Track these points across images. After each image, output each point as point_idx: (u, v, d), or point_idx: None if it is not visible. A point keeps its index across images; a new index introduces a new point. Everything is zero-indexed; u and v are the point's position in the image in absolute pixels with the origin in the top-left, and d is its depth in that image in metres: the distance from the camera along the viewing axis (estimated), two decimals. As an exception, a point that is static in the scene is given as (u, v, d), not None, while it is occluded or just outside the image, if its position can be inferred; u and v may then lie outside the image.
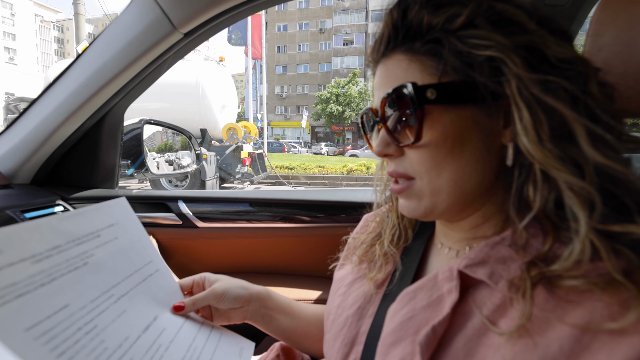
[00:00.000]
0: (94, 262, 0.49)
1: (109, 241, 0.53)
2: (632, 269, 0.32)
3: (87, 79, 1.01)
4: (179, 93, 8.26)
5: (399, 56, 0.44)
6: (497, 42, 0.38)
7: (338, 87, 33.41)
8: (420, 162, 0.43)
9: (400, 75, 0.43)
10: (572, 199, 0.35)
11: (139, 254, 0.58)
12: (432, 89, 0.40)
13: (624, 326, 0.30)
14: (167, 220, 1.24)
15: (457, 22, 0.40)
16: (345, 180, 11.03)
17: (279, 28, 44.23)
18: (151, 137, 3.44)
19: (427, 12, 0.41)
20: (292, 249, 1.26)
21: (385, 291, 0.52)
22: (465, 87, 0.40)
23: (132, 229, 0.60)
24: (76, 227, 0.50)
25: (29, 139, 1.09)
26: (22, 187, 1.15)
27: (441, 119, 0.41)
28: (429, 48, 0.42)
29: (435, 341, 0.40)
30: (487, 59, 0.38)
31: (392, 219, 0.57)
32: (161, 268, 0.61)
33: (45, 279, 0.41)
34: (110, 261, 0.51)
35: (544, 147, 0.36)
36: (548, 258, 0.36)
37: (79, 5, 8.47)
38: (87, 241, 0.50)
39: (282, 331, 0.68)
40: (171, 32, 0.94)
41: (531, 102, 0.37)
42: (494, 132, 0.42)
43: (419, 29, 0.42)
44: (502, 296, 0.38)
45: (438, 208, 0.44)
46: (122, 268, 0.53)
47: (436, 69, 0.41)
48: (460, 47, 0.39)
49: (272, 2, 0.96)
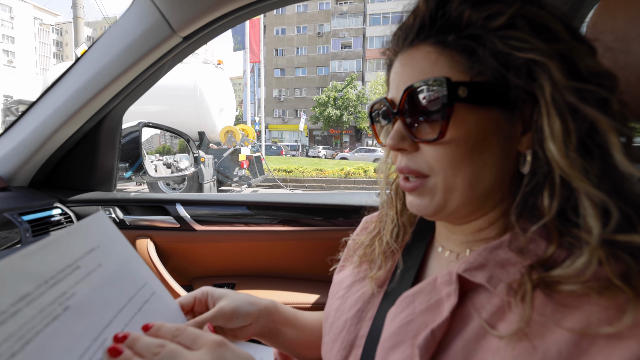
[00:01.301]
0: (76, 303, 0.39)
1: (91, 272, 0.43)
2: (630, 273, 0.32)
3: (86, 82, 1.01)
4: (177, 96, 8.26)
5: (428, 48, 0.42)
6: (537, 47, 0.37)
7: (336, 91, 33.49)
8: (438, 160, 0.42)
9: (427, 68, 0.42)
10: (588, 210, 0.35)
11: (130, 278, 0.49)
12: (464, 86, 0.39)
13: (621, 330, 0.30)
14: (165, 223, 1.24)
15: (499, 21, 0.38)
16: (343, 183, 11.03)
17: (277, 32, 44.34)
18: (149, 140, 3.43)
19: (470, 6, 0.40)
20: (290, 252, 1.26)
21: (386, 289, 0.52)
22: (498, 88, 0.39)
23: (117, 249, 0.50)
24: (47, 263, 0.39)
25: (27, 142, 1.09)
26: (20, 189, 1.14)
27: (466, 118, 0.40)
28: (463, 44, 0.40)
29: (434, 345, 0.40)
30: (526, 62, 0.38)
31: (390, 216, 0.57)
32: (157, 290, 0.53)
33: (15, 345, 0.32)
34: (97, 296, 0.42)
35: (569, 156, 0.36)
36: (548, 263, 0.36)
37: (78, 8, 8.48)
38: (64, 278, 0.40)
39: (289, 344, 0.65)
40: (170, 36, 0.95)
41: (563, 109, 0.36)
42: (512, 138, 0.41)
43: (456, 23, 0.41)
44: (501, 300, 0.38)
45: (449, 207, 0.44)
46: (113, 301, 0.44)
47: (467, 67, 0.40)
48: (500, 46, 0.38)
49: (270, 6, 0.96)
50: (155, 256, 1.21)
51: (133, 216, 1.25)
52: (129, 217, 1.24)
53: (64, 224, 1.13)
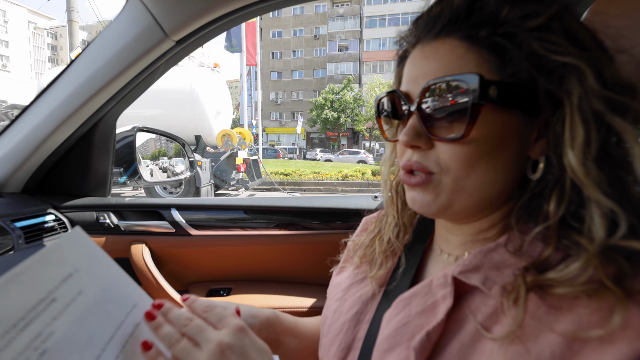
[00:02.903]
0: (55, 344, 0.34)
1: (70, 303, 0.37)
2: (622, 275, 0.32)
3: (78, 86, 1.00)
4: (173, 100, 8.25)
5: (455, 42, 0.40)
6: (571, 52, 0.36)
7: (333, 93, 33.57)
8: (453, 159, 0.40)
9: (453, 63, 0.40)
10: (596, 219, 0.34)
11: (117, 303, 0.42)
12: (495, 86, 0.37)
13: (612, 332, 0.30)
14: (160, 229, 1.23)
15: (536, 22, 0.37)
16: (341, 186, 11.04)
17: (273, 34, 44.43)
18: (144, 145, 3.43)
19: (508, 2, 0.38)
20: (287, 256, 1.25)
21: (386, 287, 0.52)
22: (526, 91, 0.38)
23: (99, 270, 0.43)
24: (14, 303, 0.33)
25: (20, 147, 1.08)
26: (13, 195, 1.13)
27: (490, 119, 0.39)
28: (495, 41, 0.39)
29: (430, 347, 0.40)
30: (560, 65, 0.37)
31: (391, 214, 0.56)
32: None
33: None
34: (79, 331, 0.36)
35: (586, 165, 0.35)
36: (543, 265, 0.36)
37: (72, 12, 8.46)
38: (37, 317, 0.34)
39: (291, 354, 0.64)
40: (163, 40, 0.94)
41: (589, 117, 0.36)
42: (527, 143, 0.41)
43: (491, 18, 0.39)
44: (496, 302, 0.38)
45: (454, 207, 0.43)
46: (98, 334, 0.38)
47: (496, 66, 0.39)
48: (536, 48, 0.37)
49: (265, 9, 0.96)
50: (151, 261, 1.20)
51: (128, 221, 1.24)
52: (123, 223, 1.23)
53: (58, 230, 1.12)
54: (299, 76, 44.03)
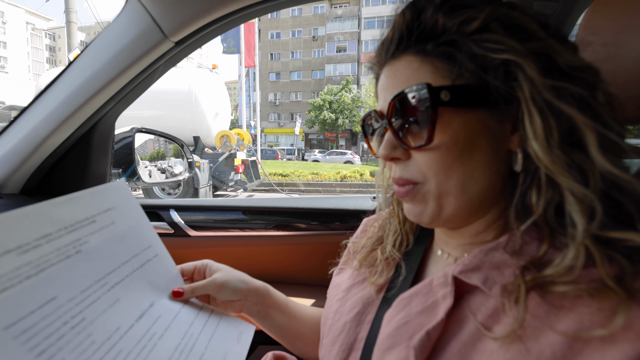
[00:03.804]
0: (87, 249, 0.46)
1: (104, 227, 0.51)
2: (623, 275, 0.32)
3: (77, 87, 1.00)
4: (172, 101, 8.24)
5: (410, 57, 0.44)
6: (512, 47, 0.38)
7: (331, 94, 33.58)
8: (429, 166, 0.43)
9: (411, 77, 0.43)
10: (573, 206, 0.35)
11: (138, 239, 0.55)
12: (446, 90, 0.40)
13: (614, 332, 0.30)
14: (159, 230, 1.23)
15: (473, 26, 0.40)
16: (339, 187, 11.04)
17: (272, 36, 44.45)
18: (143, 146, 3.42)
19: (443, 14, 0.41)
20: (285, 257, 1.25)
21: (384, 295, 0.52)
22: (479, 90, 0.40)
23: (131, 213, 0.57)
24: (69, 213, 0.47)
25: (18, 148, 1.07)
26: (11, 197, 1.13)
27: (452, 121, 0.41)
28: (442, 50, 0.41)
29: (430, 346, 0.40)
30: (502, 62, 0.39)
31: (394, 225, 0.57)
32: (161, 253, 0.59)
33: (32, 270, 0.39)
34: (106, 248, 0.49)
35: (552, 153, 0.36)
36: (541, 263, 0.37)
37: (71, 13, 8.44)
38: (81, 228, 0.47)
39: (277, 329, 0.67)
40: (162, 41, 0.94)
41: (543, 107, 0.37)
42: (502, 137, 0.42)
43: (432, 31, 0.42)
44: (496, 302, 0.38)
45: (444, 212, 0.44)
46: (118, 254, 0.50)
47: (449, 72, 0.41)
48: (476, 50, 0.39)
49: (264, 10, 0.96)
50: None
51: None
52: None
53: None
54: (298, 77, 44.04)
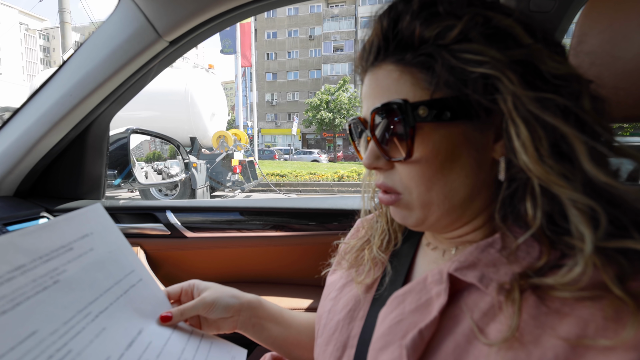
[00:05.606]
0: (66, 279, 0.44)
1: (82, 254, 0.49)
2: (623, 275, 0.31)
3: (70, 88, 0.99)
4: (168, 101, 8.20)
5: (390, 66, 0.42)
6: (491, 58, 0.36)
7: (328, 94, 33.56)
8: (410, 178, 0.43)
9: (391, 87, 0.42)
10: (577, 217, 0.34)
11: (119, 265, 0.54)
12: (424, 106, 0.39)
13: (621, 344, 0.29)
14: (155, 231, 1.22)
15: (450, 36, 0.38)
16: (337, 186, 11.05)
17: (268, 35, 44.36)
18: (139, 147, 3.41)
19: (419, 23, 0.39)
20: (283, 258, 1.25)
21: (374, 295, 0.51)
22: (458, 103, 0.39)
23: (110, 237, 0.55)
24: (43, 242, 0.45)
25: (11, 150, 1.06)
26: (5, 199, 1.12)
27: (432, 135, 0.40)
28: (420, 61, 0.40)
29: (423, 345, 0.39)
30: (482, 75, 0.37)
31: (381, 225, 0.57)
32: (144, 277, 0.57)
33: (7, 305, 0.37)
34: (85, 276, 0.47)
35: (544, 164, 0.35)
36: (541, 270, 0.36)
37: (65, 13, 8.38)
38: (57, 256, 0.45)
39: (274, 340, 0.66)
40: (156, 40, 0.93)
41: (529, 118, 0.36)
42: (484, 147, 0.41)
43: (410, 41, 0.41)
44: (492, 300, 0.38)
45: (429, 219, 0.44)
46: (100, 282, 0.49)
47: (428, 83, 0.40)
48: (454, 62, 0.38)
49: (258, 9, 0.95)
50: (146, 264, 1.18)
51: (122, 224, 1.23)
52: (118, 225, 1.22)
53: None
54: (294, 77, 43.98)
